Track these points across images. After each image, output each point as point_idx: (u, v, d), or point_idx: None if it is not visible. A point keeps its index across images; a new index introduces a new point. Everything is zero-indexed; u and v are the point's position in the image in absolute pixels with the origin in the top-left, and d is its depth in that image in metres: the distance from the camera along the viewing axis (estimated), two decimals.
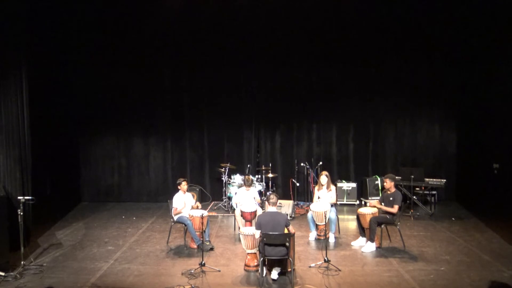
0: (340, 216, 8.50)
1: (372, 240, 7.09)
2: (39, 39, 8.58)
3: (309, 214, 7.72)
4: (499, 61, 8.81)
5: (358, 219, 7.52)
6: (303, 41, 10.52)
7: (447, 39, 10.33)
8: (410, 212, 9.28)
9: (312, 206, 7.72)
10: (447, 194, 10.58)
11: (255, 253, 6.22)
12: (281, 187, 10.80)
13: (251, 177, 8.31)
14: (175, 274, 6.14)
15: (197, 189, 10.39)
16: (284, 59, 10.60)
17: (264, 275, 5.94)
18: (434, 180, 9.55)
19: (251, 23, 10.37)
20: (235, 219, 8.13)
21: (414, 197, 9.65)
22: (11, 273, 6.07)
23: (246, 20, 10.36)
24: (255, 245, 6.13)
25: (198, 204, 7.87)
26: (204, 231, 7.12)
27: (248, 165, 10.41)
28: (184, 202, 7.49)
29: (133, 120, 10.89)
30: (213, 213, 9.28)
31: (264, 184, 9.92)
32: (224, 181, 10.10)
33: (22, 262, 6.28)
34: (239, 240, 7.00)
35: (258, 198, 8.07)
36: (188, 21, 10.37)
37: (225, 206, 10.05)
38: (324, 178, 7.81)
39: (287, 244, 5.70)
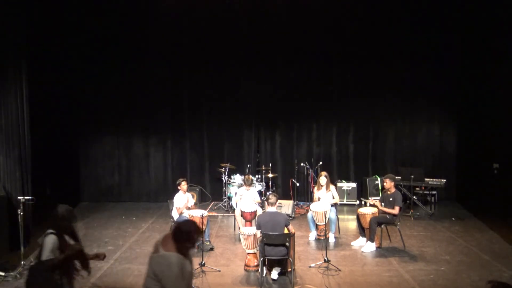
0: (340, 216, 8.50)
1: (372, 240, 7.09)
2: (39, 39, 8.57)
3: (309, 214, 7.72)
4: (499, 61, 8.82)
5: (358, 219, 7.52)
6: (303, 41, 10.51)
7: (447, 39, 10.34)
8: (410, 212, 9.28)
9: (312, 206, 7.73)
10: (447, 194, 10.58)
11: (255, 253, 6.22)
12: (281, 187, 10.79)
13: (251, 176, 8.32)
14: None
15: (197, 189, 10.39)
16: (284, 59, 10.60)
17: (264, 275, 5.94)
18: (434, 180, 9.55)
19: (251, 23, 10.38)
20: (235, 219, 8.13)
21: (414, 197, 9.65)
22: (11, 273, 6.06)
23: (246, 20, 10.37)
24: (255, 245, 6.13)
25: (192, 205, 7.79)
26: (204, 231, 7.11)
27: (248, 165, 10.41)
28: (185, 202, 7.49)
29: (133, 120, 10.88)
30: (213, 213, 9.27)
31: (264, 184, 9.92)
32: (224, 181, 10.09)
33: (22, 262, 6.27)
34: (239, 240, 7.01)
35: (257, 198, 8.07)
36: (188, 21, 10.38)
37: (225, 206, 10.05)
38: (323, 179, 7.83)
39: (287, 244, 5.70)
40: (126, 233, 8.30)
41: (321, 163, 10.42)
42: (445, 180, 9.57)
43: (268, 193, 7.21)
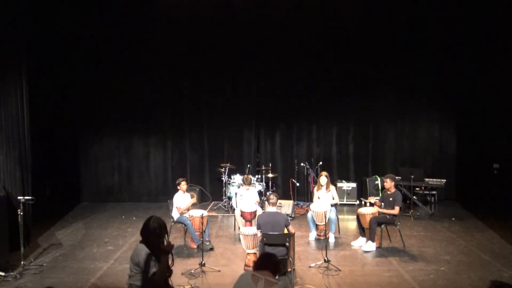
0: (340, 216, 8.50)
1: (372, 240, 7.09)
2: (39, 39, 8.57)
3: (309, 214, 7.72)
4: (499, 61, 8.82)
5: (358, 219, 7.52)
6: (303, 41, 10.52)
7: (447, 39, 10.34)
8: (410, 212, 9.27)
9: (312, 206, 7.73)
10: (447, 194, 10.58)
11: (255, 253, 6.21)
12: (281, 187, 10.79)
13: (250, 176, 8.32)
14: (175, 274, 6.08)
15: (197, 189, 10.40)
16: (284, 58, 10.59)
17: None
18: (434, 180, 9.55)
19: (251, 23, 10.37)
20: (235, 219, 8.13)
21: (414, 197, 9.65)
22: (11, 273, 6.06)
23: (246, 20, 10.37)
24: (255, 245, 6.13)
25: (194, 200, 7.86)
26: (204, 231, 7.11)
27: (248, 165, 10.40)
28: (186, 203, 7.50)
29: (133, 120, 10.88)
30: (213, 213, 9.27)
31: (264, 184, 9.92)
32: (224, 181, 10.09)
33: (22, 262, 6.27)
34: (239, 240, 7.00)
35: (257, 198, 8.07)
36: (188, 21, 10.37)
37: (225, 206, 10.05)
38: (323, 178, 7.83)
39: (287, 244, 5.70)
40: (126, 233, 8.30)
41: (321, 163, 10.42)
42: (445, 180, 9.56)
43: (268, 193, 7.20)
